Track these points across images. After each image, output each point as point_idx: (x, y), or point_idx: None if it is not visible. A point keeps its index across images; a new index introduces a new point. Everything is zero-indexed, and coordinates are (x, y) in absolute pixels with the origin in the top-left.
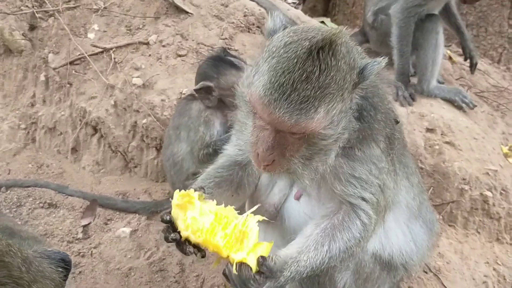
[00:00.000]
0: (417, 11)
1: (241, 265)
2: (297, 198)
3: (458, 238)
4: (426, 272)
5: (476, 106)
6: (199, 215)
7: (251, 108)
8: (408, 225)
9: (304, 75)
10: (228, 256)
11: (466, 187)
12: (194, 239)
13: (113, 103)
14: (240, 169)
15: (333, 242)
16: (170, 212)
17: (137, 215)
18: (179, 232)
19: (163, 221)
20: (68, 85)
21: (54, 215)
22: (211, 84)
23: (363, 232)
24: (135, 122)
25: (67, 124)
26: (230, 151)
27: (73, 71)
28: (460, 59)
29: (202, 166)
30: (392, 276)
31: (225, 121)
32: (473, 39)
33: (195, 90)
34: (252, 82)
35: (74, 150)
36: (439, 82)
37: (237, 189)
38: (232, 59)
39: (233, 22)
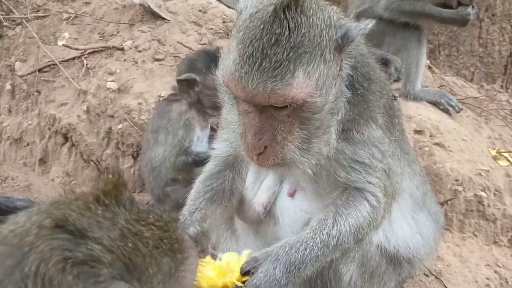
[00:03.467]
0: None
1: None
2: (291, 195)
3: (455, 242)
4: (427, 276)
5: (462, 109)
6: None
7: (228, 91)
8: (413, 216)
9: (273, 39)
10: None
11: (460, 188)
12: None
13: (85, 109)
14: (230, 171)
15: (339, 216)
16: None
17: None
18: None
19: None
20: (36, 93)
21: None
22: (196, 77)
23: (372, 214)
24: (110, 128)
25: (35, 133)
26: (218, 149)
27: (42, 79)
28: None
29: (179, 173)
30: (397, 273)
31: (206, 126)
32: (446, 59)
33: (178, 79)
34: (224, 63)
35: (42, 161)
36: (422, 86)
37: (230, 196)
38: None
39: (211, 28)
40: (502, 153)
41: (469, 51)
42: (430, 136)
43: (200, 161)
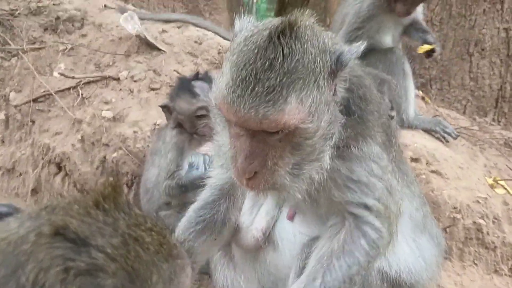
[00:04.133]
0: (357, 34)
1: None
2: (290, 218)
3: (456, 271)
4: None
5: (458, 136)
6: None
7: (220, 114)
8: (415, 238)
9: (267, 64)
10: None
11: (458, 216)
12: None
13: (80, 137)
14: (225, 200)
15: (328, 273)
16: None
17: None
18: None
19: None
20: (31, 123)
21: None
22: (170, 104)
23: (372, 251)
24: (104, 157)
25: (28, 163)
26: (214, 176)
27: (36, 108)
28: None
29: (170, 198)
30: None
31: (199, 151)
32: (438, 93)
33: (159, 106)
34: (217, 85)
35: (34, 191)
36: (416, 114)
37: (221, 228)
38: (198, 84)
39: (207, 59)
40: (499, 182)
41: (461, 85)
42: (427, 163)
43: (185, 185)
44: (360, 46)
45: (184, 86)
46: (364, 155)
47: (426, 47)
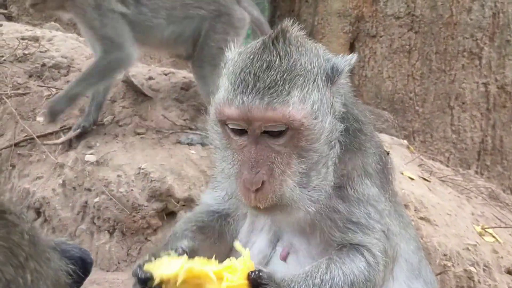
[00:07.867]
0: None
1: None
2: (284, 258)
3: None
4: None
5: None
6: None
7: (219, 130)
8: (409, 285)
9: (264, 65)
10: None
11: (449, 263)
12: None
13: (61, 182)
14: (219, 217)
15: (332, 263)
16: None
17: None
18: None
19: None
20: (11, 168)
21: None
22: None
23: (368, 272)
24: (86, 202)
25: None
26: (206, 199)
27: (17, 153)
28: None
29: None
30: None
31: None
32: (421, 145)
33: None
34: (216, 97)
35: None
36: None
37: (219, 237)
38: None
39: (193, 105)
40: (487, 230)
41: (443, 137)
42: (415, 210)
43: None
44: (353, 58)
45: None
46: (360, 197)
47: None
